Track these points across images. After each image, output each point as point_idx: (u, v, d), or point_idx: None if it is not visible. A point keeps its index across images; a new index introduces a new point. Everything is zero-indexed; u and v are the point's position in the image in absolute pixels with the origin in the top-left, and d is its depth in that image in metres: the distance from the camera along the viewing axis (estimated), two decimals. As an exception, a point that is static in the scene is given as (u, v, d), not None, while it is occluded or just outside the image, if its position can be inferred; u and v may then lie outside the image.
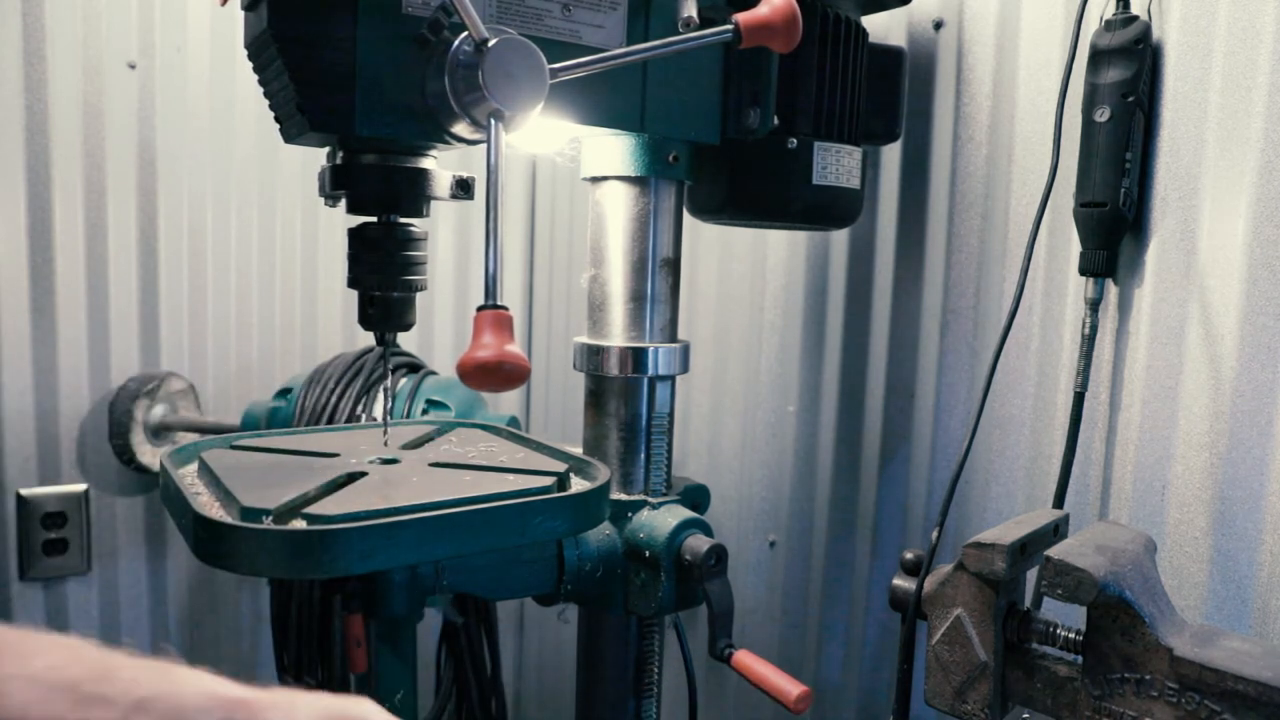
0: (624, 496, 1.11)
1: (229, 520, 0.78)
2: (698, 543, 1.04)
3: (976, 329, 1.26)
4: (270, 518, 0.79)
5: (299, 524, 0.79)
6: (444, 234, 1.85)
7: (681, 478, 1.20)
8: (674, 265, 1.12)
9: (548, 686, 1.99)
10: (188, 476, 0.94)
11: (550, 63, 0.82)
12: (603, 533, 1.07)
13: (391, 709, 0.94)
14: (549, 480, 0.92)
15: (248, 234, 1.67)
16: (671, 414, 1.15)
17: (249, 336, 1.70)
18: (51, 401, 1.51)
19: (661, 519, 1.07)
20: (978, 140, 1.24)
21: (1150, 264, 1.06)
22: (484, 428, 1.21)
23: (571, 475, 0.99)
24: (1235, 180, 0.98)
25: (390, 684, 0.95)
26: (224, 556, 0.79)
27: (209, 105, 1.61)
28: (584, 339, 1.13)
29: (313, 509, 0.80)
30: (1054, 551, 0.82)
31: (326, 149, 0.94)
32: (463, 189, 0.96)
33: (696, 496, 1.17)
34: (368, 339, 1.35)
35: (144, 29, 1.54)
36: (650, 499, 1.11)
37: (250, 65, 0.89)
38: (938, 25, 1.28)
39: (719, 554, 1.04)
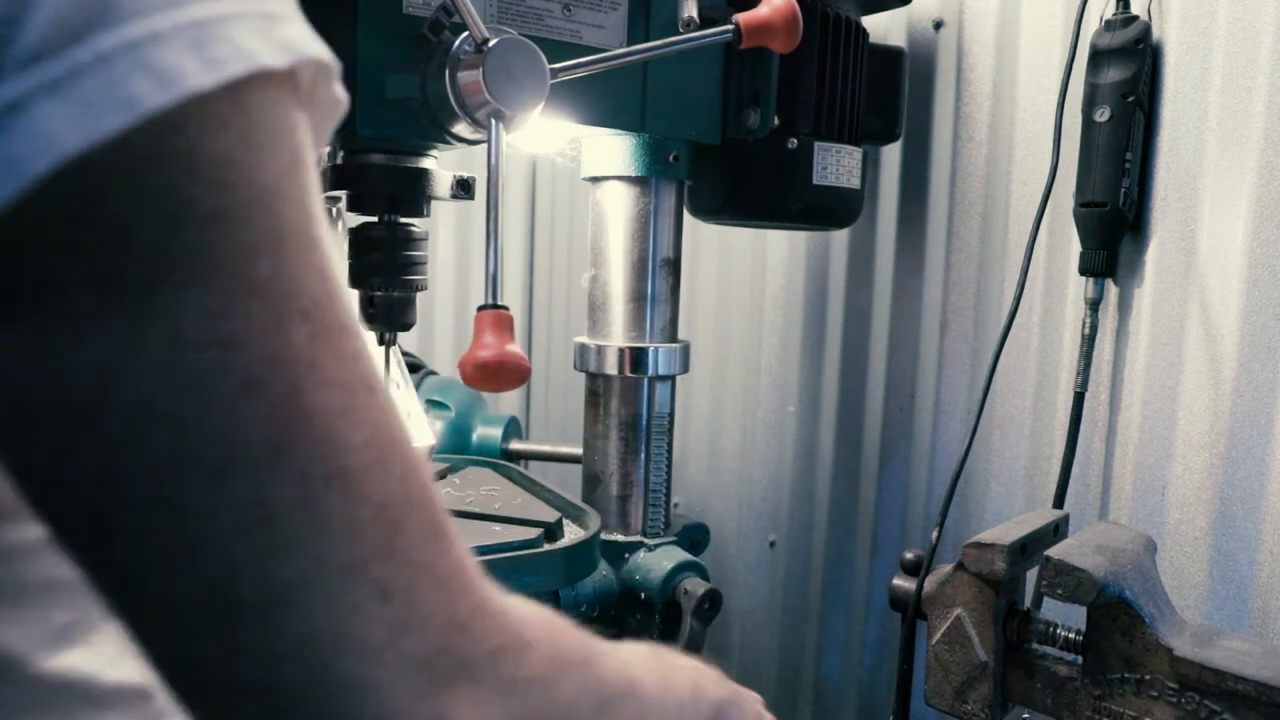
0: (620, 538, 1.11)
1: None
2: (694, 586, 1.04)
3: (976, 329, 1.26)
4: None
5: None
6: (444, 234, 1.85)
7: (680, 516, 1.20)
8: (674, 265, 1.12)
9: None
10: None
11: (551, 63, 0.82)
12: (600, 574, 1.07)
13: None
14: (535, 532, 0.95)
15: (248, 234, 1.67)
16: (672, 414, 1.15)
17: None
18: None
19: (657, 561, 1.07)
20: (978, 140, 1.24)
21: (1150, 264, 1.06)
22: (494, 467, 1.23)
23: (565, 522, 1.01)
24: (1235, 180, 0.98)
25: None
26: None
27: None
28: (584, 339, 1.13)
29: None
30: (1054, 551, 0.82)
31: (326, 149, 0.94)
32: (463, 189, 0.96)
33: (695, 535, 1.16)
34: (368, 338, 1.36)
35: (144, 29, 1.53)
36: (647, 540, 1.11)
37: (250, 65, 0.89)
38: (938, 25, 1.28)
39: (713, 599, 1.04)
